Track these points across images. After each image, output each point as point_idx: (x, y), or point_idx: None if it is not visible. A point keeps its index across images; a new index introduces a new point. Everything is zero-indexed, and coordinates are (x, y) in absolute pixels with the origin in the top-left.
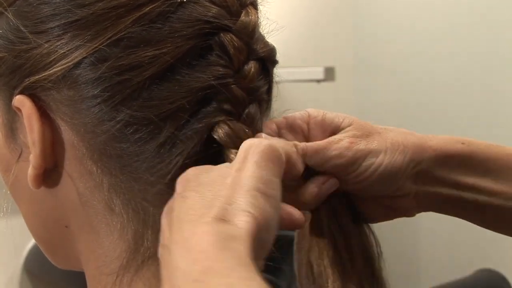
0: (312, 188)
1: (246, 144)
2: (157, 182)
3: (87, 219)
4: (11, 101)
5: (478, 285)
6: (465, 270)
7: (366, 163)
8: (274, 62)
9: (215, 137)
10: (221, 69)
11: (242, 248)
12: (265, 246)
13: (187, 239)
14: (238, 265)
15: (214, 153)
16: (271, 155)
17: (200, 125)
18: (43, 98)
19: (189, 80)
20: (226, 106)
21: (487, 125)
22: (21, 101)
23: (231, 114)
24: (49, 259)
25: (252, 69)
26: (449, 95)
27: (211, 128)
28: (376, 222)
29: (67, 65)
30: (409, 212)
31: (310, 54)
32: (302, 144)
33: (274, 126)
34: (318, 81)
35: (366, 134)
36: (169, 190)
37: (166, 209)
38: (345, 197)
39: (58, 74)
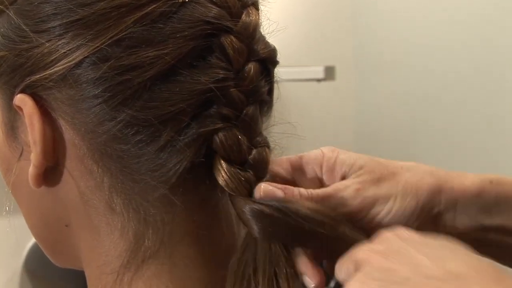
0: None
1: None
2: (158, 187)
3: (88, 218)
4: (12, 100)
5: None
6: None
7: (374, 210)
8: (275, 63)
9: (213, 145)
10: (221, 72)
11: None
12: None
13: None
14: None
15: (209, 160)
16: None
17: (201, 130)
18: (44, 97)
19: (190, 82)
20: (225, 111)
21: (491, 121)
22: (22, 100)
23: (229, 119)
24: (49, 258)
25: (252, 70)
26: (452, 94)
27: (210, 135)
28: None
29: (68, 64)
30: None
31: (310, 53)
32: (306, 193)
33: (288, 167)
34: (318, 80)
35: (377, 178)
36: (171, 194)
37: None
38: None
39: (59, 73)
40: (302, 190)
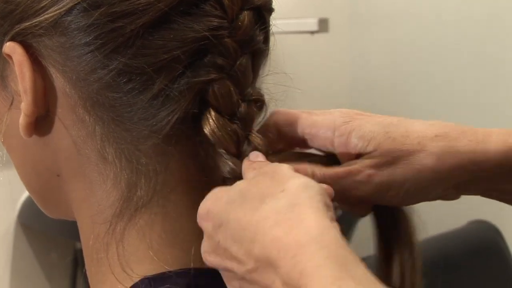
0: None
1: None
2: (151, 136)
3: (80, 167)
4: (1, 48)
5: (471, 237)
6: (458, 222)
7: (390, 193)
8: (271, 10)
9: (206, 95)
10: (215, 20)
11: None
12: None
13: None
14: None
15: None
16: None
17: (194, 80)
18: (34, 45)
19: (184, 30)
20: (219, 60)
21: (487, 85)
22: (12, 48)
23: (223, 69)
24: (41, 208)
25: (246, 19)
26: (446, 47)
27: (204, 85)
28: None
29: (58, 11)
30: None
31: (304, 5)
32: (319, 173)
33: (296, 125)
34: (312, 32)
35: (391, 160)
36: (164, 144)
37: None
38: None
39: (50, 20)
40: (316, 170)
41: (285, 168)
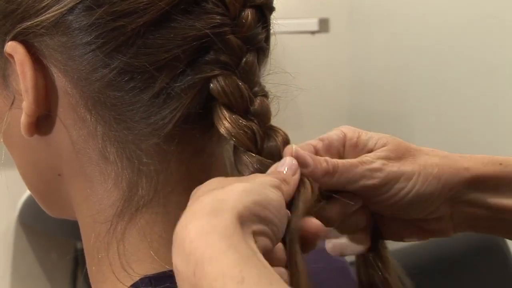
0: (335, 207)
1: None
2: (152, 135)
3: (81, 167)
4: (3, 47)
5: (471, 236)
6: None
7: (398, 185)
8: (272, 9)
9: (211, 91)
10: (217, 18)
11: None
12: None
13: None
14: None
15: (209, 109)
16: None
17: (196, 77)
18: (36, 45)
19: (185, 28)
20: (223, 57)
21: (486, 85)
22: (13, 47)
23: (228, 66)
24: (43, 208)
25: (250, 17)
26: (446, 47)
27: (207, 82)
28: (407, 241)
29: (60, 10)
30: (444, 234)
31: (304, 5)
32: (334, 160)
33: (312, 149)
34: (312, 32)
35: (400, 156)
36: (165, 143)
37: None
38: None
39: (51, 20)
40: (327, 158)
41: (239, 187)
